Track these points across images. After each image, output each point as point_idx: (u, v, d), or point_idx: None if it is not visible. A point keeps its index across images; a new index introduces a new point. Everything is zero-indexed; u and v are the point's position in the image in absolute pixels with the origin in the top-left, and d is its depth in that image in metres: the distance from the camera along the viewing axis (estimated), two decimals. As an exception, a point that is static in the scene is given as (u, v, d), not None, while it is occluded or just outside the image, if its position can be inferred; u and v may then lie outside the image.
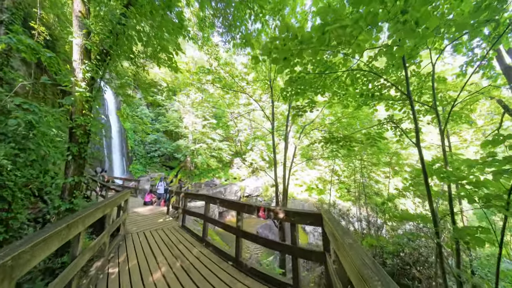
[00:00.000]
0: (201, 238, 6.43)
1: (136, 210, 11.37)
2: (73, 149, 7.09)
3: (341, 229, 2.49)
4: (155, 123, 34.15)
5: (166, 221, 8.96)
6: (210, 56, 12.85)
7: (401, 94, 7.94)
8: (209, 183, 30.61)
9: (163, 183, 14.17)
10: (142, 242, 6.60)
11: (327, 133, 19.09)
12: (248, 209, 4.60)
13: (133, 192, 15.98)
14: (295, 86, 5.80)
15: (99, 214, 4.61)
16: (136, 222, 8.75)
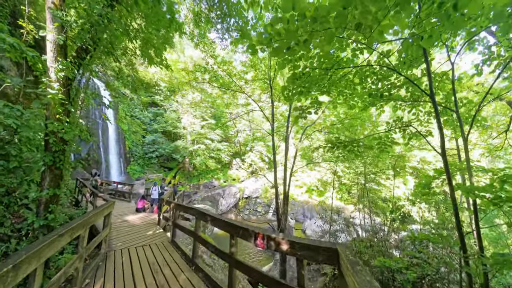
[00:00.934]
0: (190, 259, 5.54)
1: (127, 218, 10.48)
2: (47, 158, 6.18)
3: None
4: (153, 123, 33.26)
5: (156, 234, 8.06)
6: (206, 54, 11.96)
7: (411, 95, 7.12)
8: (208, 185, 29.78)
9: (157, 187, 13.27)
10: (125, 263, 5.71)
11: (329, 135, 18.31)
12: (243, 233, 3.72)
13: (126, 196, 15.10)
14: (298, 84, 4.91)
15: (64, 241, 3.73)
16: (122, 235, 7.85)
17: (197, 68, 11.85)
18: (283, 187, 11.32)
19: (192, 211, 5.75)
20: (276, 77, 11.38)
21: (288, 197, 11.02)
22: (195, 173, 32.48)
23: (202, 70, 11.68)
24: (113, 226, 9.01)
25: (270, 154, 33.05)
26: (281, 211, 10.67)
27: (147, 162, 31.22)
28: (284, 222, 10.40)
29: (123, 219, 10.21)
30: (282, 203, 11.03)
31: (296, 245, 2.82)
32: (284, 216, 10.56)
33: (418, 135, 7.41)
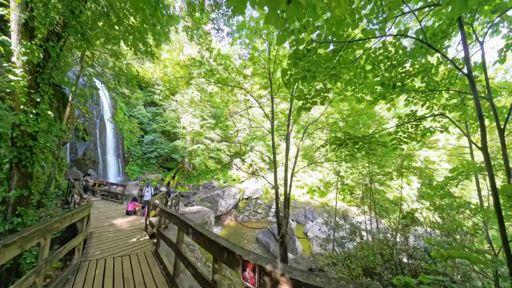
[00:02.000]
0: (171, 277, 4.57)
1: (115, 221, 9.53)
2: (11, 154, 5.24)
3: None
4: (152, 123, 32.36)
5: (141, 242, 7.10)
6: (201, 46, 11.02)
7: (426, 85, 6.21)
8: (207, 185, 28.81)
9: (150, 188, 12.31)
10: (97, 278, 4.76)
11: (330, 134, 17.38)
12: (228, 258, 2.71)
13: (119, 198, 14.15)
14: (301, 66, 3.95)
15: (10, 253, 2.84)
16: (103, 242, 6.90)
17: (192, 62, 10.91)
18: (283, 188, 10.38)
19: (174, 219, 4.78)
20: (276, 71, 10.42)
21: (289, 199, 10.07)
22: (194, 174, 31.57)
23: (197, 64, 10.74)
24: (98, 231, 8.08)
25: (271, 153, 32.08)
26: (282, 215, 9.68)
27: (146, 162, 30.39)
28: (286, 227, 9.43)
29: (110, 223, 9.26)
30: (283, 205, 10.06)
31: (301, 285, 1.79)
32: (285, 220, 9.58)
33: (432, 132, 6.45)
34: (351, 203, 26.69)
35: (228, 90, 12.53)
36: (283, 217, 9.63)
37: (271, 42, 9.62)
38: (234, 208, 26.63)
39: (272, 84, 10.05)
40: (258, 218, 26.04)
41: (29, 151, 5.55)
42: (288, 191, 10.12)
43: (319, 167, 29.57)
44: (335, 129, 11.98)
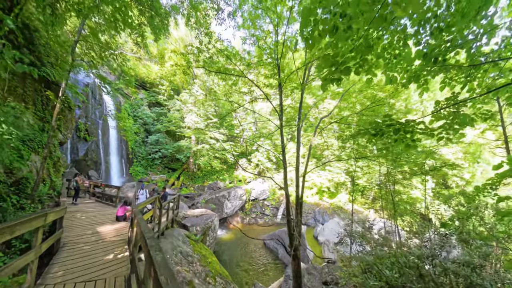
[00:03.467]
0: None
1: (100, 229, 8.11)
2: None
3: None
4: (157, 123, 31.26)
5: (118, 260, 5.59)
6: (199, 30, 9.58)
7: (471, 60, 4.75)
8: (213, 186, 27.42)
9: (145, 191, 10.89)
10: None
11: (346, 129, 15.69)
12: None
13: (113, 201, 12.76)
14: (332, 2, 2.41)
15: None
16: (74, 258, 5.46)
17: (189, 50, 9.41)
18: (295, 191, 8.84)
19: (143, 244, 3.25)
20: (285, 56, 8.86)
21: (301, 204, 8.51)
22: (199, 174, 30.27)
23: (196, 51, 9.26)
24: (74, 241, 6.67)
25: (278, 153, 30.45)
26: (294, 222, 8.08)
27: (151, 163, 29.32)
28: (298, 237, 7.85)
29: (94, 231, 7.85)
30: (294, 210, 8.49)
31: None
32: (297, 229, 7.99)
33: (474, 120, 4.85)
34: (365, 206, 24.87)
35: (230, 85, 10.99)
36: (295, 224, 8.05)
37: (280, 20, 8.09)
38: (241, 210, 25.26)
39: (280, 71, 8.49)
40: (265, 220, 24.55)
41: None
42: (300, 194, 8.57)
43: (328, 166, 27.86)
44: (351, 122, 10.33)
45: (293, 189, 28.92)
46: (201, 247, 11.39)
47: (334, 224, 20.49)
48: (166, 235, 10.19)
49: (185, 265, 8.65)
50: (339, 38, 2.78)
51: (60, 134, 14.66)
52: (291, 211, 8.42)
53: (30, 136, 10.84)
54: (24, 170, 10.31)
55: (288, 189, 9.27)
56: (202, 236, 14.21)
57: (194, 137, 28.95)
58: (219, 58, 9.47)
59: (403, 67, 5.20)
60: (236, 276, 13.43)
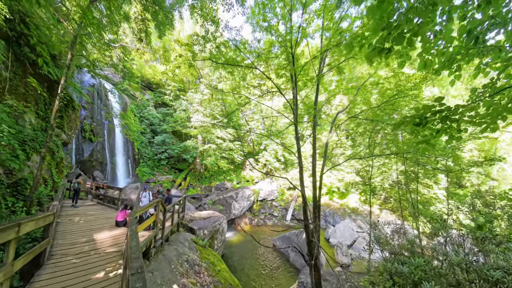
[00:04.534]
0: None
1: (96, 236, 7.20)
2: None
3: None
4: (163, 123, 30.60)
5: (109, 279, 4.62)
6: (205, 18, 8.61)
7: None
8: (220, 186, 26.54)
9: (148, 193, 9.93)
10: None
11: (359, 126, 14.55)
12: None
13: (116, 203, 11.88)
14: None
15: None
16: (57, 276, 4.54)
17: (194, 40, 8.44)
18: (312, 192, 7.82)
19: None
20: (299, 44, 7.83)
21: (319, 207, 7.52)
22: (206, 175, 29.46)
23: (201, 41, 8.29)
24: (65, 251, 5.79)
25: (287, 152, 29.35)
26: (312, 228, 7.07)
27: (157, 163, 28.64)
28: (318, 245, 6.84)
29: (90, 238, 6.95)
30: (312, 215, 7.48)
31: None
32: (316, 234, 6.99)
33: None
34: (377, 207, 23.63)
35: (238, 80, 9.96)
36: (314, 230, 7.04)
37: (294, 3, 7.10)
38: (249, 210, 24.36)
39: (294, 58, 7.46)
40: (274, 222, 23.51)
41: None
42: (317, 196, 7.56)
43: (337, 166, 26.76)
44: (369, 118, 9.24)
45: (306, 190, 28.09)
46: (209, 253, 10.42)
47: (346, 225, 19.45)
48: (171, 240, 9.30)
49: (192, 276, 7.72)
50: None
51: (63, 134, 14.12)
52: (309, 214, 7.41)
53: (32, 136, 10.26)
54: (25, 171, 9.69)
55: (296, 186, 8.27)
56: (210, 240, 13.28)
57: (200, 137, 28.16)
58: (227, 49, 8.51)
59: (439, 49, 4.17)
60: (246, 283, 12.55)
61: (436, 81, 15.75)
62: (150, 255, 7.05)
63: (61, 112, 13.76)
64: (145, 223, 6.64)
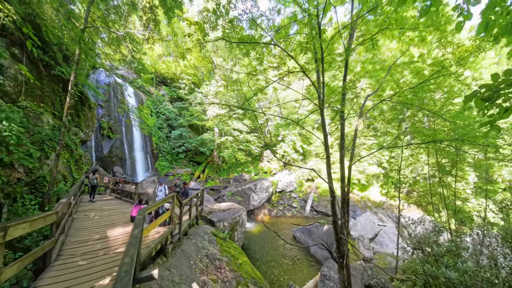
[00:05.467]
0: None
1: (110, 233, 6.78)
2: None
3: None
4: (179, 117, 30.40)
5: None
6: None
7: None
8: (238, 178, 26.11)
9: (164, 187, 9.39)
10: None
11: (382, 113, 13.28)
12: None
13: (133, 197, 11.49)
14: None
15: None
16: (61, 280, 4.01)
17: (204, 17, 7.54)
18: (341, 187, 6.92)
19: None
20: (326, 12, 6.72)
21: (348, 202, 6.67)
22: (224, 167, 29.15)
23: (212, 17, 7.40)
24: (74, 250, 5.40)
25: (305, 144, 28.22)
26: (341, 223, 6.20)
27: (175, 157, 28.65)
28: (347, 240, 6.00)
29: (103, 235, 6.52)
30: (340, 210, 6.60)
31: None
32: (345, 231, 6.15)
33: None
34: (409, 201, 22.08)
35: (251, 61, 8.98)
36: (342, 225, 6.19)
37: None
38: (267, 202, 23.85)
39: (321, 31, 6.41)
40: (293, 213, 22.92)
41: None
42: (346, 190, 6.70)
43: (358, 156, 25.35)
44: (403, 101, 8.04)
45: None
46: (229, 245, 9.79)
47: (367, 218, 18.63)
48: (190, 234, 8.75)
49: (213, 272, 7.10)
50: None
51: (81, 132, 14.24)
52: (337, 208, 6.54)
53: (50, 136, 10.33)
54: (44, 169, 9.62)
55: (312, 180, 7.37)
56: (230, 232, 12.73)
57: (217, 130, 27.73)
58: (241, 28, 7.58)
59: (505, 6, 3.16)
60: (267, 274, 12.18)
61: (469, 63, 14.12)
62: (167, 251, 6.47)
63: (78, 111, 13.91)
64: (160, 219, 6.05)
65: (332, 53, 7.40)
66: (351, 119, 23.12)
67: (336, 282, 10.35)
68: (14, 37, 9.97)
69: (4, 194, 7.65)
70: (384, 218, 20.20)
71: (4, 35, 9.68)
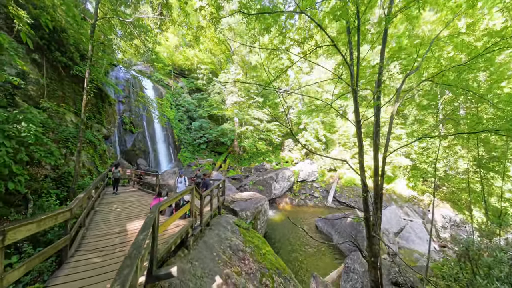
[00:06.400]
0: None
1: (129, 226, 6.68)
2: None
3: None
4: (198, 109, 30.39)
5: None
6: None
7: None
8: (259, 168, 25.88)
9: (184, 179, 9.05)
10: None
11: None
12: None
13: (154, 189, 11.42)
14: None
15: None
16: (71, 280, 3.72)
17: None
18: (375, 179, 6.17)
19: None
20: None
21: (382, 197, 5.99)
22: (245, 156, 28.95)
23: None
24: (91, 247, 5.19)
25: (328, 132, 27.01)
26: (372, 221, 5.52)
27: (197, 148, 28.81)
28: (380, 238, 5.33)
29: (122, 229, 6.41)
30: (373, 206, 5.90)
31: None
32: (377, 228, 5.48)
33: None
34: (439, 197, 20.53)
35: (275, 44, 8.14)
36: (375, 223, 5.52)
37: None
38: (289, 191, 23.51)
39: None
40: (315, 203, 22.45)
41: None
42: (380, 184, 5.98)
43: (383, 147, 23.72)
44: (447, 83, 6.88)
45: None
46: (252, 235, 9.47)
47: (392, 212, 17.71)
48: (212, 225, 8.48)
49: (236, 264, 6.76)
50: None
51: (103, 128, 14.63)
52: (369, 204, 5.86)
53: (74, 133, 10.66)
54: (70, 165, 9.90)
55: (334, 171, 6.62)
56: (253, 221, 12.51)
57: (237, 120, 27.39)
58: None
59: None
60: (290, 263, 11.95)
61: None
62: (189, 243, 6.17)
63: (99, 108, 14.22)
64: (179, 212, 5.73)
65: (366, 21, 6.48)
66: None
67: (360, 275, 9.98)
68: (32, 43, 10.15)
69: (31, 190, 7.84)
70: (410, 212, 19.17)
71: (23, 42, 9.82)
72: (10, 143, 6.07)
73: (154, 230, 4.10)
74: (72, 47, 11.93)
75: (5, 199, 7.06)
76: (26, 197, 7.36)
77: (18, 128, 6.45)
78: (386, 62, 6.81)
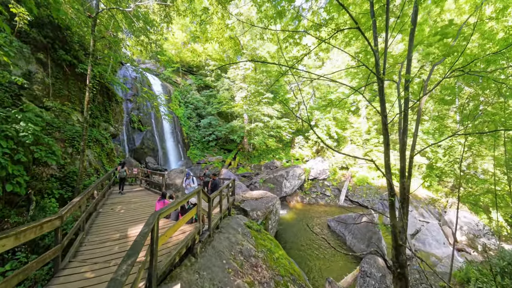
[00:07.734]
0: None
1: (131, 231, 6.25)
2: None
3: None
4: (207, 106, 30.04)
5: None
6: None
7: None
8: (269, 165, 25.40)
9: (193, 180, 8.50)
10: None
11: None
12: None
13: (161, 189, 10.99)
14: None
15: None
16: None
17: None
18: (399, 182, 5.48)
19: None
20: None
21: (408, 201, 5.33)
22: (255, 154, 28.42)
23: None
24: (87, 256, 4.77)
25: (340, 129, 26.02)
26: (399, 228, 4.83)
27: (206, 145, 28.50)
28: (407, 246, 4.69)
29: (124, 234, 6.01)
30: (399, 210, 5.18)
31: None
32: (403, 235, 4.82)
33: None
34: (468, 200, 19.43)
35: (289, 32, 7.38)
36: (401, 230, 4.85)
37: None
38: (299, 189, 22.88)
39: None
40: (327, 201, 21.73)
41: None
42: (407, 186, 5.30)
43: (394, 143, 22.81)
44: (480, 73, 6.07)
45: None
46: (264, 237, 8.92)
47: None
48: (221, 227, 7.95)
49: (248, 272, 6.23)
50: None
51: (111, 127, 14.44)
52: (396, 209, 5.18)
53: (80, 132, 10.40)
54: (76, 164, 9.64)
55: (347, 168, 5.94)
56: (264, 221, 12.01)
57: (246, 116, 26.84)
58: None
59: None
60: (302, 264, 11.38)
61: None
62: (196, 251, 5.64)
63: (106, 106, 13.99)
64: (184, 218, 5.19)
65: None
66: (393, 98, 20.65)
67: (378, 280, 9.31)
68: (37, 42, 10.12)
69: (35, 190, 7.54)
70: (426, 213, 18.10)
71: (28, 42, 9.82)
72: (8, 143, 5.70)
73: (152, 243, 3.58)
74: (76, 45, 11.70)
75: (8, 199, 6.80)
76: (29, 198, 7.09)
77: (17, 128, 6.08)
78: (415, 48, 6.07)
